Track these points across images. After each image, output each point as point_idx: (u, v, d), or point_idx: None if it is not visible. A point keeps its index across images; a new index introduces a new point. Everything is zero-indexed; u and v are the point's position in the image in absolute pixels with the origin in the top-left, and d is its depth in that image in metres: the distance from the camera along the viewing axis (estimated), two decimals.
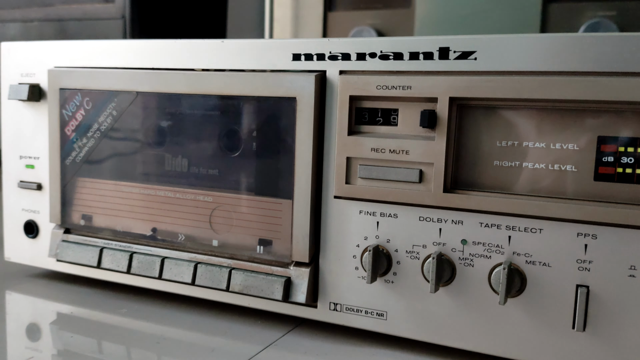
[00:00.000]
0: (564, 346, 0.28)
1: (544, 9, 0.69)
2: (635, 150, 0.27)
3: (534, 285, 0.28)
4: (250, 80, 0.33)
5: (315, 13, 0.84)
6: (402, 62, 0.30)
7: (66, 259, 0.39)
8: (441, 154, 0.29)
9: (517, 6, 0.71)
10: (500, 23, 0.71)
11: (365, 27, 0.79)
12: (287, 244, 0.33)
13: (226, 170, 0.34)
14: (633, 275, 0.27)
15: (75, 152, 0.38)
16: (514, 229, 0.29)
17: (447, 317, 0.30)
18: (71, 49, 0.39)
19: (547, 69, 0.27)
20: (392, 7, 0.79)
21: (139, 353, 0.32)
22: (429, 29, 0.75)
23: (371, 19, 0.80)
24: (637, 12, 0.66)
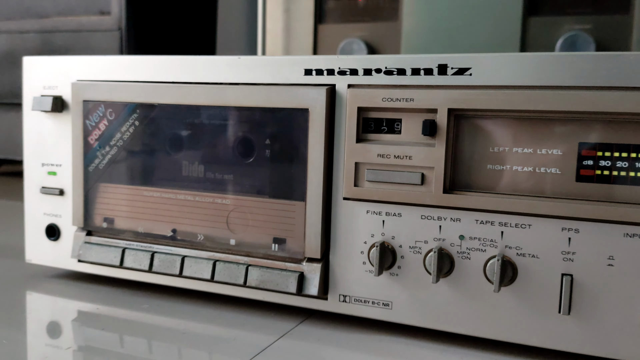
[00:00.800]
0: (552, 328, 0.32)
1: (523, 23, 0.73)
2: (611, 155, 0.31)
3: (524, 275, 0.32)
4: (266, 92, 0.36)
5: (306, 26, 0.87)
6: (405, 77, 0.33)
7: (89, 259, 0.41)
8: (441, 159, 0.33)
9: (498, 20, 0.74)
10: (483, 36, 0.75)
11: (355, 39, 0.83)
12: (300, 242, 0.36)
13: (243, 175, 0.37)
14: (611, 265, 0.30)
15: (98, 160, 0.41)
16: (505, 225, 0.32)
17: (447, 305, 0.34)
18: (92, 63, 0.42)
19: (534, 83, 0.31)
20: (380, 21, 0.82)
21: (161, 345, 0.34)
22: (415, 41, 0.79)
23: (360, 32, 0.83)
24: (610, 25, 0.70)
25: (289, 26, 0.88)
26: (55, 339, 0.35)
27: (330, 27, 0.86)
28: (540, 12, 0.73)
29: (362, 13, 0.84)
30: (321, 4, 0.86)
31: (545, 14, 0.73)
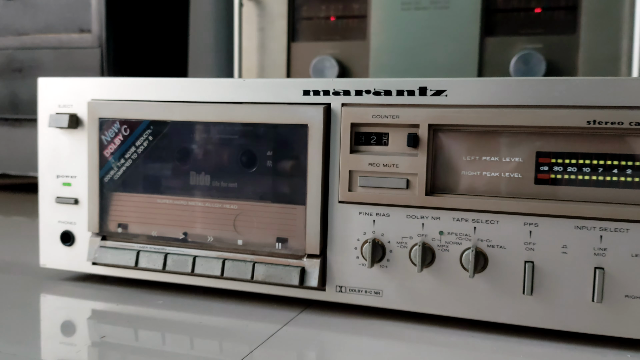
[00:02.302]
0: (517, 307, 0.38)
1: (481, 42, 0.80)
2: (563, 161, 0.37)
3: (493, 263, 0.38)
4: (270, 110, 0.41)
5: (280, 43, 0.92)
6: (391, 97, 0.39)
7: (105, 261, 0.46)
8: (423, 167, 0.39)
9: (458, 39, 0.81)
10: (445, 54, 0.81)
11: (326, 56, 0.88)
12: (301, 241, 0.41)
13: (249, 183, 0.42)
14: (565, 252, 0.37)
15: (113, 171, 0.45)
16: (477, 221, 0.38)
17: (430, 291, 0.39)
18: (105, 84, 0.46)
19: (499, 103, 0.37)
20: (349, 39, 0.88)
21: (174, 337, 0.38)
22: (382, 59, 0.85)
23: (331, 49, 0.89)
24: (559, 44, 0.77)
25: (264, 44, 0.93)
26: (71, 335, 0.39)
27: (303, 45, 0.91)
28: (496, 32, 0.80)
29: (332, 32, 0.90)
30: (294, 23, 0.92)
31: (501, 34, 0.80)
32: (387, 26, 0.85)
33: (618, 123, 0.35)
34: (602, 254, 0.36)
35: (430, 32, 0.84)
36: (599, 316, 0.36)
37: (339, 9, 0.91)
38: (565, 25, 0.78)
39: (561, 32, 0.78)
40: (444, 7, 0.84)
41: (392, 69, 0.85)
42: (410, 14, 0.85)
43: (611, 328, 0.36)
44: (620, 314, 0.36)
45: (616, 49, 0.76)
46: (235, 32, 0.93)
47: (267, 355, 0.36)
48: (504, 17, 0.81)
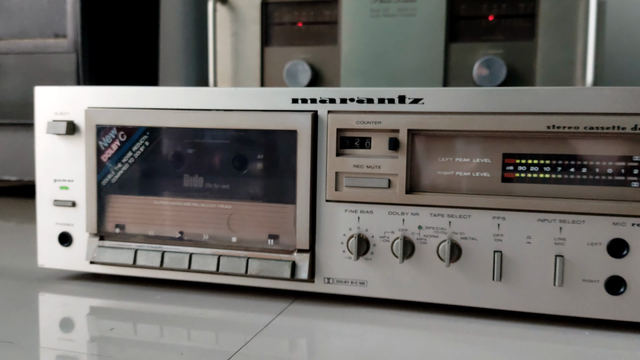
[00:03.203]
0: (488, 292, 0.42)
1: (446, 48, 0.85)
2: (526, 162, 0.42)
3: (467, 253, 0.43)
4: (262, 117, 0.45)
5: (253, 48, 0.95)
6: (373, 105, 0.43)
7: (103, 260, 0.48)
8: (403, 168, 0.43)
9: (424, 45, 0.85)
10: (412, 59, 0.86)
11: (299, 61, 0.91)
12: (292, 237, 0.45)
13: (242, 185, 0.46)
14: (529, 242, 0.42)
15: (111, 175, 0.48)
16: (452, 216, 0.43)
17: (410, 280, 0.44)
18: (101, 92, 0.49)
19: (470, 110, 0.42)
20: (321, 45, 0.92)
21: (172, 330, 0.41)
22: (353, 63, 0.88)
23: (303, 54, 0.92)
24: (518, 50, 0.82)
25: (237, 48, 0.96)
26: (70, 330, 0.41)
27: (276, 50, 0.94)
28: (460, 39, 0.85)
29: (305, 37, 0.93)
30: (267, 28, 0.95)
31: (464, 40, 0.85)
32: (357, 32, 0.89)
33: (574, 127, 0.40)
34: (562, 243, 0.41)
35: (398, 38, 0.88)
36: (559, 298, 0.41)
37: (311, 15, 0.94)
38: (524, 32, 0.83)
39: (520, 39, 0.83)
40: (411, 15, 0.88)
41: (362, 73, 0.88)
42: (379, 21, 0.89)
43: (571, 309, 0.41)
44: (579, 296, 0.41)
45: (572, 54, 0.81)
46: (210, 38, 0.96)
47: (264, 343, 0.39)
48: (467, 25, 0.86)
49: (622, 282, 0.40)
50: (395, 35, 0.86)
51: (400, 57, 0.85)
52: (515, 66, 0.82)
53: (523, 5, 0.84)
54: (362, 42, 0.87)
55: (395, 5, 0.89)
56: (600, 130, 0.40)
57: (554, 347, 0.39)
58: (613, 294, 0.40)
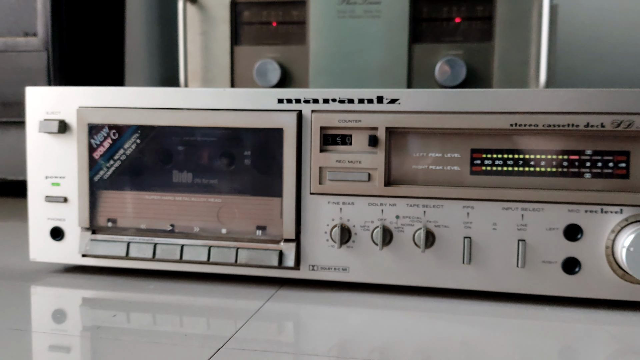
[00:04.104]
0: (459, 274, 0.47)
1: (409, 49, 0.89)
2: (492, 156, 0.46)
3: (440, 240, 0.47)
4: (250, 116, 0.48)
5: (223, 46, 0.97)
6: (354, 104, 0.47)
7: (96, 253, 0.51)
8: (381, 162, 0.47)
9: (389, 46, 0.89)
10: (377, 59, 0.90)
11: (269, 59, 0.94)
12: (279, 227, 0.48)
13: (230, 180, 0.49)
14: (495, 229, 0.46)
15: (103, 171, 0.50)
16: (426, 206, 0.47)
17: (389, 265, 0.48)
18: (91, 92, 0.51)
19: (441, 109, 0.46)
20: (290, 44, 0.95)
21: (165, 318, 0.44)
22: (321, 62, 0.92)
23: (273, 53, 0.95)
24: (477, 51, 0.87)
25: (207, 47, 0.98)
26: (60, 323, 0.42)
27: (245, 49, 0.97)
28: (422, 40, 0.90)
29: (274, 37, 0.96)
30: (237, 28, 0.97)
31: (426, 41, 0.89)
32: (325, 32, 0.93)
33: (534, 125, 0.45)
34: (524, 229, 0.46)
35: (364, 38, 0.92)
36: (522, 278, 0.46)
37: (280, 15, 0.97)
38: (482, 33, 0.88)
39: (479, 40, 0.88)
40: (376, 16, 0.92)
41: (330, 71, 0.92)
42: (345, 22, 0.93)
43: (532, 287, 0.46)
44: (539, 276, 0.46)
45: (526, 55, 0.87)
46: (180, 37, 0.97)
47: (256, 327, 0.42)
48: (429, 26, 0.90)
49: (577, 263, 0.45)
50: (361, 36, 0.90)
51: (366, 56, 0.89)
52: (474, 66, 0.87)
53: (481, 9, 0.89)
54: (330, 42, 0.91)
55: (361, 7, 0.93)
56: (556, 127, 0.45)
57: (517, 322, 0.43)
58: (569, 273, 0.45)
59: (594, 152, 0.45)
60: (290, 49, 0.94)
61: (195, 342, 0.39)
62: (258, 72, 0.93)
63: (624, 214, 0.44)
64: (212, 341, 0.39)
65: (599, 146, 0.45)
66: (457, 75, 0.86)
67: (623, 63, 1.15)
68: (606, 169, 0.45)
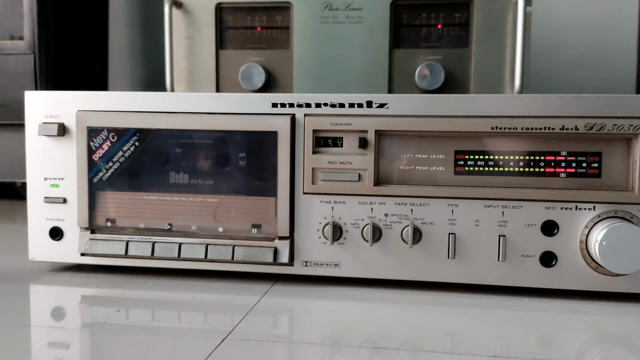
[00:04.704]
0: (444, 268, 0.50)
1: (390, 53, 0.92)
2: (474, 157, 0.49)
3: (426, 236, 0.50)
4: (246, 120, 0.50)
5: (208, 50, 0.99)
6: (345, 108, 0.50)
7: (96, 252, 0.52)
8: (371, 163, 0.49)
9: (371, 51, 0.92)
10: (360, 63, 0.92)
11: (253, 63, 0.96)
12: (274, 226, 0.51)
13: (227, 180, 0.51)
14: (478, 225, 0.49)
15: (102, 173, 0.52)
16: (413, 204, 0.50)
17: (378, 260, 0.50)
18: (89, 96, 0.52)
19: (428, 113, 0.49)
20: (274, 49, 0.97)
21: (163, 313, 0.46)
22: (305, 67, 0.94)
23: (257, 57, 0.97)
24: (455, 56, 0.90)
25: (193, 51, 1.00)
26: (59, 320, 0.44)
27: (230, 53, 0.99)
28: (402, 45, 0.93)
29: (258, 41, 0.98)
30: (222, 32, 0.99)
31: (406, 47, 0.92)
32: (308, 37, 0.95)
33: (513, 128, 0.48)
34: (504, 225, 0.49)
35: (346, 43, 0.94)
36: (503, 271, 0.49)
37: (264, 20, 0.99)
38: (460, 39, 0.92)
39: (456, 46, 0.92)
40: (358, 22, 0.95)
41: (313, 75, 0.95)
42: (328, 27, 0.95)
43: (512, 280, 0.49)
44: (518, 269, 0.49)
45: (502, 60, 0.91)
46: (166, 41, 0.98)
47: (255, 322, 0.44)
48: (409, 32, 0.93)
49: (553, 257, 0.49)
50: (343, 41, 0.92)
51: (349, 61, 0.92)
52: (452, 71, 0.90)
53: (458, 16, 0.92)
54: (313, 46, 0.93)
55: (343, 13, 0.95)
56: (533, 130, 0.48)
57: (499, 312, 0.46)
58: (546, 266, 0.49)
59: (568, 153, 0.48)
60: (274, 53, 0.96)
61: (198, 336, 0.41)
62: (243, 75, 0.95)
63: (597, 210, 0.48)
64: (214, 334, 0.41)
65: (573, 148, 0.48)
66: (436, 80, 0.90)
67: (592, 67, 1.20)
68: (580, 169, 0.48)
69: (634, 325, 0.44)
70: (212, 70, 0.98)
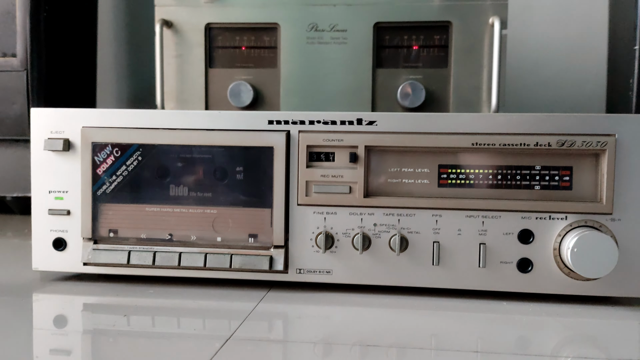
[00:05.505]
0: (429, 274, 0.53)
1: (373, 73, 0.96)
2: (457, 171, 0.53)
3: (412, 244, 0.53)
4: (243, 136, 0.53)
5: (198, 69, 1.02)
6: (337, 126, 0.53)
7: (99, 261, 0.55)
8: (361, 177, 0.53)
9: (355, 70, 0.96)
10: (344, 82, 0.96)
11: (242, 81, 1.00)
12: (269, 235, 0.54)
13: (225, 193, 0.54)
14: (460, 234, 0.53)
15: (105, 186, 0.55)
16: (400, 215, 0.53)
17: (368, 267, 0.54)
18: (93, 113, 0.55)
19: (413, 130, 0.53)
20: (262, 67, 1.00)
21: (163, 319, 0.48)
22: (291, 85, 0.98)
23: (245, 75, 1.01)
24: (435, 76, 0.94)
25: (183, 69, 1.03)
26: (61, 327, 0.46)
27: (219, 71, 1.02)
28: (385, 65, 0.96)
29: (247, 60, 1.01)
30: (211, 51, 1.02)
31: (389, 66, 0.96)
32: (295, 57, 0.99)
33: (491, 144, 0.52)
34: (484, 234, 0.53)
35: (331, 63, 0.98)
36: (483, 277, 0.53)
37: (252, 40, 1.03)
38: (439, 60, 0.96)
39: (436, 66, 0.96)
40: (342, 43, 0.99)
41: (299, 93, 0.98)
42: (314, 47, 0.99)
43: (492, 285, 0.53)
44: (497, 274, 0.53)
45: (479, 80, 0.95)
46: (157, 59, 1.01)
47: (253, 326, 0.47)
48: (391, 53, 0.98)
49: (529, 263, 0.52)
50: (328, 61, 0.96)
51: (334, 79, 0.96)
52: (432, 90, 0.95)
53: (438, 38, 0.97)
54: (299, 66, 0.97)
55: (328, 34, 0.99)
56: (510, 146, 0.52)
57: (480, 315, 0.50)
58: (523, 272, 0.53)
59: (542, 168, 0.53)
60: (262, 72, 1.00)
61: (198, 341, 0.43)
62: (232, 93, 0.98)
63: (569, 220, 0.52)
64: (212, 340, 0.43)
65: (547, 162, 0.53)
66: (417, 98, 0.94)
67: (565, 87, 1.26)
68: (553, 182, 0.53)
69: (603, 326, 0.48)
70: (201, 87, 1.01)
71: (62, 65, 1.06)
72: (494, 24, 0.86)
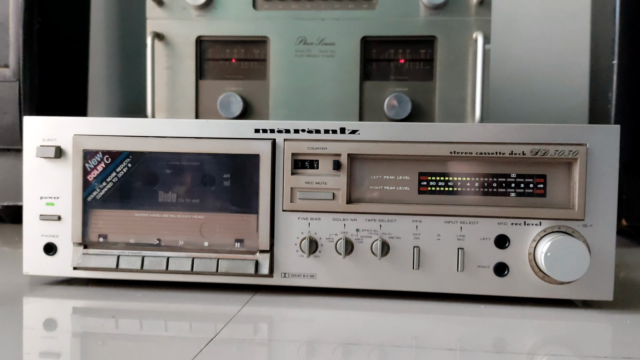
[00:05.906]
0: (409, 278, 0.55)
1: (360, 85, 0.98)
2: (436, 178, 0.55)
3: (394, 249, 0.55)
4: (230, 144, 0.55)
5: (188, 80, 1.03)
6: (320, 134, 0.55)
7: (88, 266, 0.56)
8: (344, 184, 0.55)
9: (343, 82, 0.98)
10: (332, 94, 0.98)
11: (232, 93, 1.02)
12: (255, 240, 0.55)
13: (212, 199, 0.56)
14: (439, 239, 0.55)
15: (96, 192, 0.56)
16: (382, 220, 0.55)
17: (350, 271, 0.55)
18: (84, 122, 0.57)
19: (394, 139, 0.55)
20: (251, 79, 1.02)
21: (150, 323, 0.49)
22: (280, 97, 1.00)
23: (235, 87, 1.03)
24: (420, 88, 0.97)
25: (173, 80, 1.05)
26: (51, 331, 0.47)
27: (209, 82, 1.04)
28: (372, 78, 0.99)
29: (236, 72, 1.03)
30: (201, 63, 1.04)
31: (376, 79, 0.99)
32: (284, 69, 1.01)
33: (469, 153, 0.54)
34: (462, 239, 0.55)
35: (319, 75, 1.00)
36: (461, 281, 0.55)
37: (242, 52, 1.05)
38: (425, 73, 0.99)
39: (422, 79, 0.99)
40: (330, 56, 1.01)
41: (288, 105, 1.00)
42: (303, 60, 1.02)
43: (470, 288, 0.55)
44: (475, 278, 0.55)
45: (463, 93, 0.98)
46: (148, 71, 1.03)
47: (235, 329, 0.48)
48: (378, 66, 1.00)
49: (506, 267, 0.54)
50: (317, 73, 0.98)
51: (322, 92, 0.98)
52: (418, 102, 0.97)
53: (423, 52, 0.99)
54: (288, 78, 0.99)
55: (317, 47, 1.02)
56: (487, 155, 0.54)
57: (458, 318, 0.52)
58: (500, 276, 0.54)
59: (517, 175, 0.55)
60: (251, 84, 1.02)
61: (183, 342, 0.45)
62: (221, 104, 1.00)
63: (543, 226, 0.54)
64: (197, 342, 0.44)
65: (521, 170, 0.55)
66: (403, 110, 0.96)
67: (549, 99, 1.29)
68: (527, 189, 0.55)
69: (576, 328, 0.50)
70: (191, 99, 1.03)
71: (54, 76, 1.08)
72: (478, 39, 0.89)
